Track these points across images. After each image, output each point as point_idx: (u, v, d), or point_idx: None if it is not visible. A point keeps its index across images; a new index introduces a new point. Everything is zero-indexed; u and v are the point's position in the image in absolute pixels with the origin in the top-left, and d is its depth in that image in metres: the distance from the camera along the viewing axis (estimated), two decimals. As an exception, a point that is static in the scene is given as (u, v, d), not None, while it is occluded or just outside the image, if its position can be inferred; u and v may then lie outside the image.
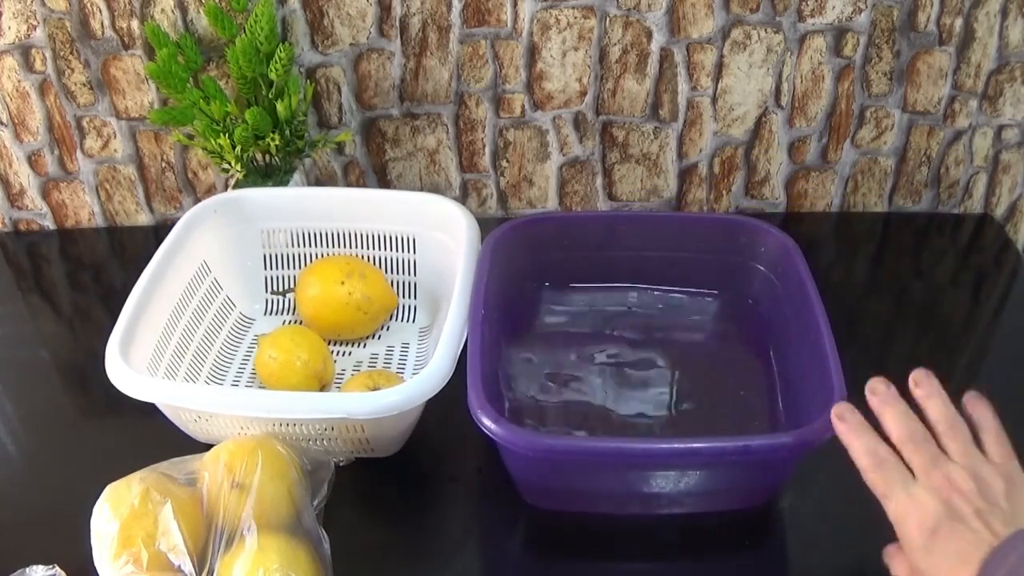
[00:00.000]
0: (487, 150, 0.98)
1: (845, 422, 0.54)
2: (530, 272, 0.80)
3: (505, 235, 0.77)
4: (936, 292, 0.92)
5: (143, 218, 1.02)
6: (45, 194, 1.00)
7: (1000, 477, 0.49)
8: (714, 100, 0.94)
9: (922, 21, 0.90)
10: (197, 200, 0.98)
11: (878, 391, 0.54)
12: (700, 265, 0.80)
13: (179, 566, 0.58)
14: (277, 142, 0.85)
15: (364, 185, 1.00)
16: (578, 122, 0.96)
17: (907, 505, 0.49)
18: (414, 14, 0.89)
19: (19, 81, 0.92)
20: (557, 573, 0.67)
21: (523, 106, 0.95)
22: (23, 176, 0.98)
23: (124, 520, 0.59)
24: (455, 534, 0.68)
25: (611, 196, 1.01)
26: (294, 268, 0.86)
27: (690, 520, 0.68)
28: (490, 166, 0.99)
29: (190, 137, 0.90)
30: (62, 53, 0.90)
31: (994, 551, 0.45)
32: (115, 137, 0.96)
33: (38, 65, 0.91)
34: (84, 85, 0.92)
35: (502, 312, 0.74)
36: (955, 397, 0.78)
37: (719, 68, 0.92)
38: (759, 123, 0.96)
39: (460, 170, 0.99)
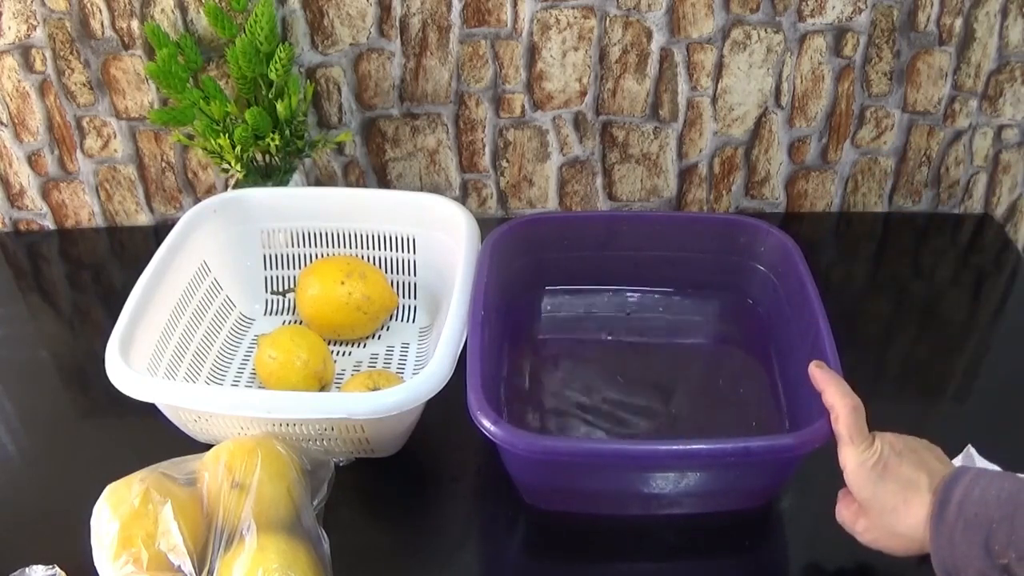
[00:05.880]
0: (487, 150, 0.98)
1: (822, 370, 0.60)
2: (530, 272, 0.80)
3: (505, 235, 0.77)
4: (936, 292, 0.92)
5: (143, 218, 1.02)
6: (45, 194, 1.00)
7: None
8: (714, 100, 0.94)
9: (922, 21, 0.90)
10: (197, 200, 0.98)
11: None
12: (700, 265, 0.80)
13: (179, 566, 0.58)
14: (277, 142, 0.85)
15: (364, 185, 1.00)
16: (578, 122, 0.96)
17: (867, 447, 0.56)
18: (414, 14, 0.89)
19: (19, 81, 0.92)
20: (556, 573, 0.67)
21: (523, 106, 0.95)
22: (23, 176, 0.98)
23: (124, 520, 0.59)
24: (455, 534, 0.68)
25: (611, 196, 1.01)
26: (294, 268, 0.86)
27: (690, 521, 0.68)
28: (490, 166, 0.99)
29: (190, 137, 0.90)
30: (62, 53, 0.90)
31: (945, 479, 0.53)
32: (115, 137, 0.96)
33: (38, 65, 0.91)
34: (84, 85, 0.92)
35: (502, 312, 0.74)
36: (954, 397, 0.79)
37: (719, 68, 0.92)
38: (759, 123, 0.96)
39: (460, 170, 0.99)
